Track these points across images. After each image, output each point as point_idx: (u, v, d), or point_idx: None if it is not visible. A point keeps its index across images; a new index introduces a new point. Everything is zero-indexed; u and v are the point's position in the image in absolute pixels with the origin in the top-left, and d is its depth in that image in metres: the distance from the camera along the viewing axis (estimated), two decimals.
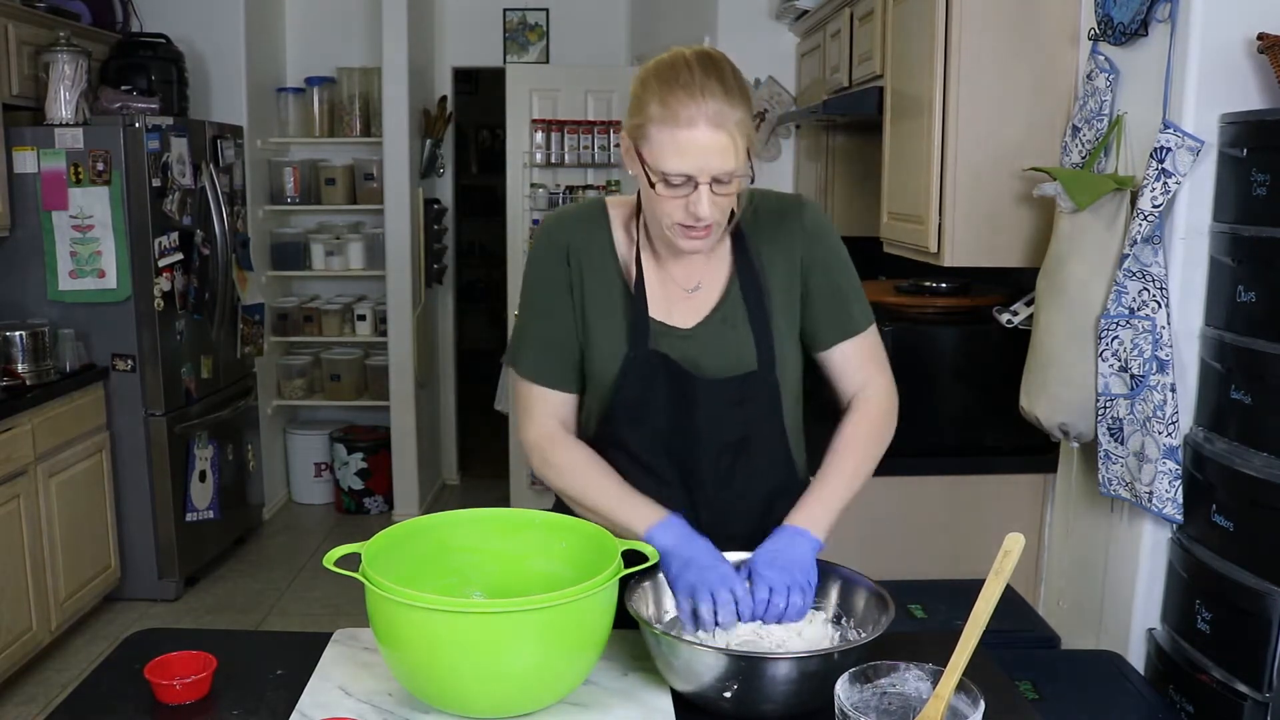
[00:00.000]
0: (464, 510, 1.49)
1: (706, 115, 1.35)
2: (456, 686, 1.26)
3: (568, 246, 1.55)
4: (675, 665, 1.30)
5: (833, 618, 1.45)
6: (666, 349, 1.52)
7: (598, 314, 1.54)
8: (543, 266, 1.57)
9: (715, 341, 1.53)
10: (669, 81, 1.37)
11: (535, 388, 1.57)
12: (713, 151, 1.36)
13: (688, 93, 1.36)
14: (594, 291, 1.54)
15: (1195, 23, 2.01)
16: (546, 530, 1.48)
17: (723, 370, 1.52)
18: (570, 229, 1.57)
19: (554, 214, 1.63)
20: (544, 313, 1.57)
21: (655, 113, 1.37)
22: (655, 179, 1.40)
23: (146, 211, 3.85)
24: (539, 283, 1.57)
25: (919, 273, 3.02)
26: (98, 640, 3.72)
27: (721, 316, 1.53)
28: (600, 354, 1.53)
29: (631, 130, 1.42)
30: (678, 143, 1.36)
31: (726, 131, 1.36)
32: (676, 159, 1.37)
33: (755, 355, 1.52)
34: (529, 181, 5.00)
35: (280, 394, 5.26)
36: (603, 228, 1.57)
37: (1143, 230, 2.06)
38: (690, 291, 1.54)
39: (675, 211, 1.42)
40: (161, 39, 4.29)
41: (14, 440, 3.31)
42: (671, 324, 1.53)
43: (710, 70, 1.38)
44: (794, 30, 4.17)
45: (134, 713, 1.34)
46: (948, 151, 2.50)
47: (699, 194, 1.39)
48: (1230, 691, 1.90)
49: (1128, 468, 2.16)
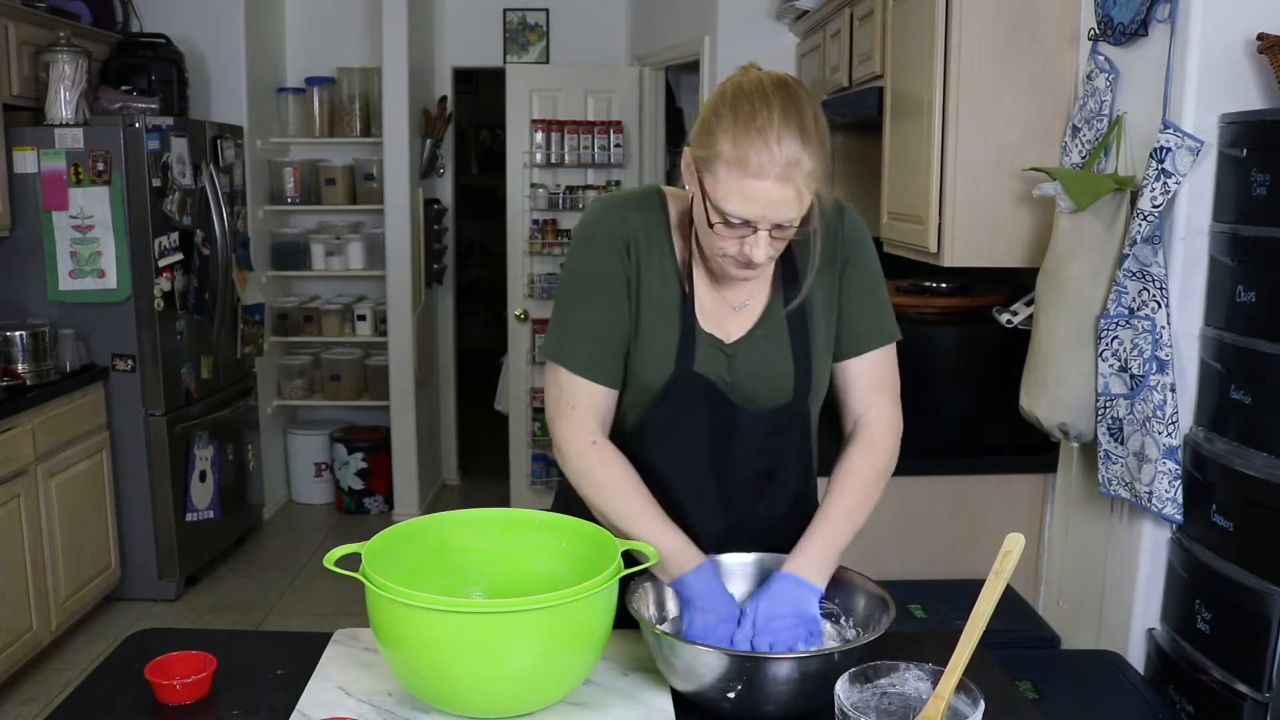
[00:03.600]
0: (464, 510, 1.49)
1: (778, 167, 1.29)
2: (456, 686, 1.26)
3: (628, 238, 1.47)
4: (676, 666, 1.30)
5: (833, 618, 1.45)
6: (710, 366, 1.47)
7: (652, 316, 1.48)
8: (600, 256, 1.48)
9: (755, 359, 1.48)
10: (745, 121, 1.30)
11: (583, 383, 1.47)
12: (779, 204, 1.31)
13: (763, 139, 1.29)
14: (650, 288, 1.48)
15: (1195, 23, 2.01)
16: (546, 530, 1.48)
17: (760, 397, 1.49)
18: (631, 220, 1.49)
19: (609, 199, 1.53)
20: (598, 304, 1.47)
21: (725, 151, 1.30)
22: (714, 217, 1.35)
23: (146, 211, 3.85)
24: (594, 271, 1.48)
25: (919, 273, 3.02)
26: (98, 640, 3.72)
27: (764, 334, 1.49)
28: (647, 361, 1.48)
29: (697, 157, 1.35)
30: (744, 190, 1.30)
31: (794, 185, 1.30)
32: (740, 204, 1.31)
33: (793, 381, 1.48)
34: (529, 181, 5.00)
35: (280, 394, 5.26)
36: (662, 223, 1.50)
37: (1143, 230, 2.06)
38: (738, 309, 1.50)
39: (729, 247, 1.37)
40: (161, 39, 4.29)
41: (14, 440, 3.31)
42: (716, 335, 1.49)
43: (790, 114, 1.30)
44: (794, 30, 4.17)
45: (134, 713, 1.34)
46: (948, 151, 2.50)
47: (757, 238, 1.34)
48: (1230, 691, 1.90)
49: (1128, 468, 2.16)
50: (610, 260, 1.47)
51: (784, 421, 1.51)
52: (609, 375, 1.49)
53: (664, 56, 4.84)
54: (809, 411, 1.52)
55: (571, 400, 1.48)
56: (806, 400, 1.51)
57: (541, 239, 5.00)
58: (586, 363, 1.47)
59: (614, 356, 1.49)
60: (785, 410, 1.50)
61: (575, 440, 1.48)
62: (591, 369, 1.48)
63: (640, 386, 1.50)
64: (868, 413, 1.55)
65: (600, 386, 1.48)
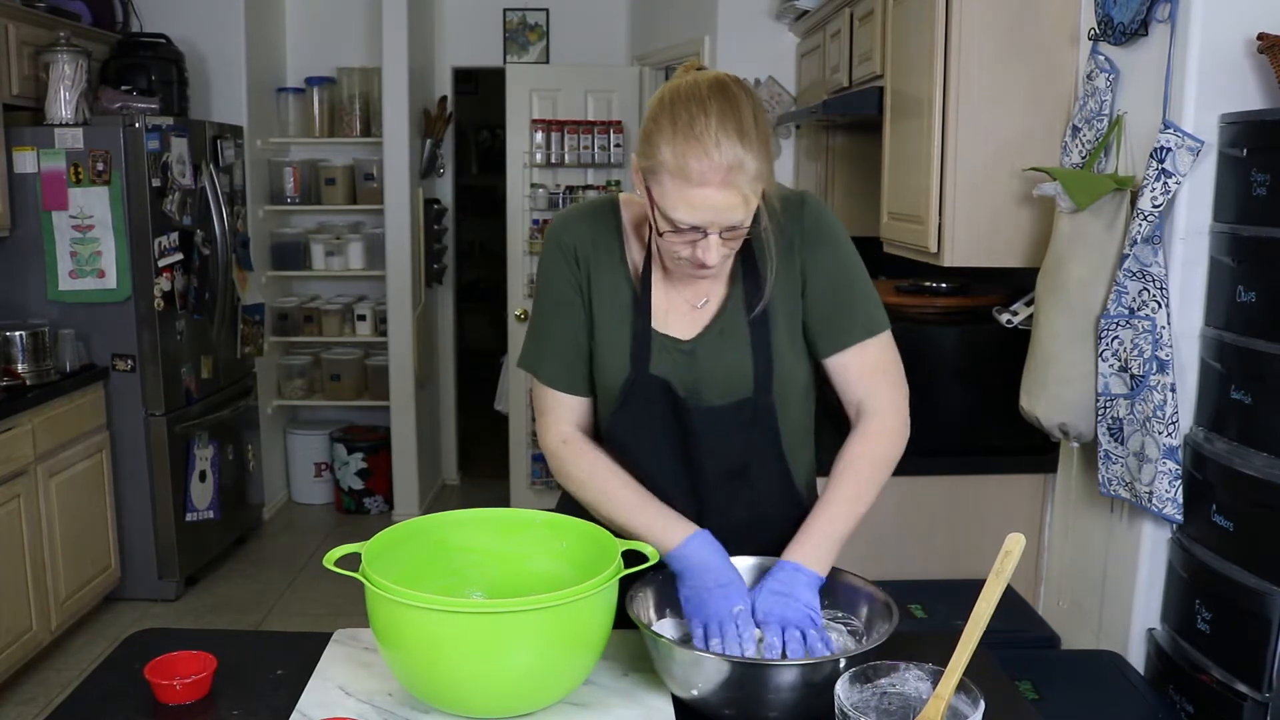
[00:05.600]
0: (464, 510, 1.49)
1: (720, 173, 1.29)
2: (456, 686, 1.26)
3: (575, 248, 1.51)
4: (675, 672, 1.30)
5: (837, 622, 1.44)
6: (667, 367, 1.48)
7: (605, 320, 1.51)
8: (553, 269, 1.53)
9: (713, 357, 1.49)
10: (684, 128, 1.30)
11: (551, 392, 1.54)
12: (724, 209, 1.31)
13: (701, 146, 1.28)
14: (602, 294, 1.51)
15: (1195, 23, 2.01)
16: (546, 530, 1.48)
17: (719, 395, 1.48)
18: (578, 230, 1.52)
19: (563, 214, 1.57)
20: (557, 316, 1.53)
21: (667, 159, 1.31)
22: (664, 225, 1.36)
23: (146, 211, 3.85)
24: (550, 286, 1.53)
25: (919, 273, 3.02)
26: (98, 640, 3.72)
27: (720, 329, 1.49)
28: (605, 365, 1.51)
29: (642, 166, 1.36)
30: (688, 198, 1.31)
31: (739, 190, 1.30)
32: (686, 212, 1.32)
33: (752, 376, 1.48)
34: (529, 181, 5.00)
35: (280, 394, 5.26)
36: (612, 228, 1.53)
37: (1143, 230, 2.06)
38: (698, 306, 1.51)
39: (682, 251, 1.38)
40: (161, 39, 4.29)
41: (14, 440, 3.31)
42: (672, 335, 1.50)
43: (728, 117, 1.30)
44: (794, 30, 4.17)
45: (134, 713, 1.34)
46: (948, 151, 2.50)
47: (708, 242, 1.34)
48: (1230, 691, 1.90)
49: (1128, 468, 2.16)
50: (561, 270, 1.52)
51: (746, 417, 1.50)
52: (576, 384, 1.54)
53: (664, 56, 4.84)
54: (774, 406, 1.50)
55: (542, 406, 1.56)
56: (769, 394, 1.49)
57: (541, 239, 4.99)
58: (550, 372, 1.54)
59: (578, 365, 1.53)
60: (747, 405, 1.49)
61: (549, 441, 1.55)
62: (557, 379, 1.54)
63: (604, 388, 1.53)
64: (866, 400, 1.52)
65: (569, 395, 1.54)
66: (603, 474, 1.50)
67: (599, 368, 1.52)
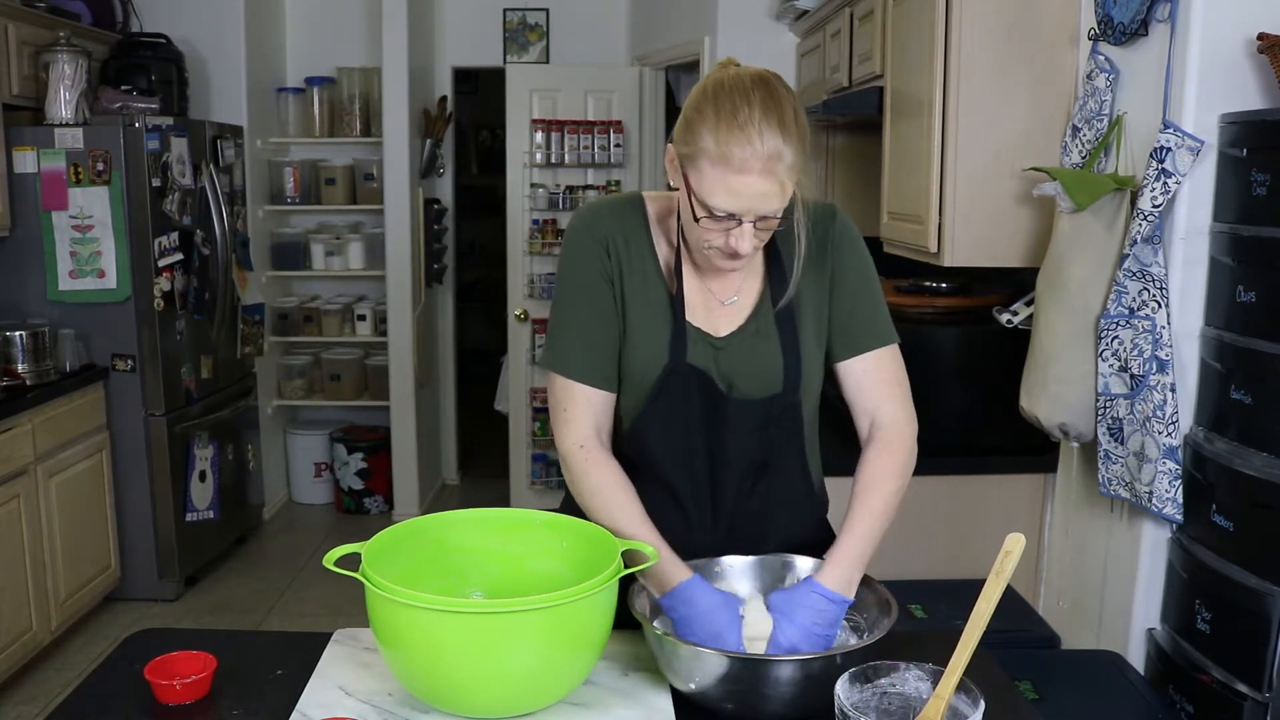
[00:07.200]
0: (464, 510, 1.49)
1: (761, 161, 1.32)
2: (456, 686, 1.26)
3: (607, 239, 1.51)
4: (677, 667, 1.30)
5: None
6: (702, 359, 1.50)
7: (639, 314, 1.51)
8: (583, 260, 1.51)
9: (746, 353, 1.50)
10: (727, 117, 1.33)
11: (577, 387, 1.51)
12: (762, 196, 1.33)
13: (745, 135, 1.31)
14: (634, 289, 1.51)
15: (1195, 23, 2.01)
16: (546, 530, 1.48)
17: (752, 389, 1.50)
18: (609, 222, 1.52)
19: (589, 206, 1.57)
20: (587, 306, 1.51)
21: (708, 147, 1.33)
22: (700, 211, 1.37)
23: (146, 211, 3.85)
24: (580, 277, 1.52)
25: (919, 273, 3.02)
26: (98, 640, 3.72)
27: (755, 328, 1.51)
28: (640, 356, 1.50)
29: (682, 154, 1.38)
30: (728, 184, 1.33)
31: (777, 178, 1.33)
32: (725, 198, 1.34)
33: (782, 374, 1.50)
34: (529, 181, 5.00)
35: (280, 394, 5.26)
36: (641, 225, 1.53)
37: (1143, 230, 2.06)
38: (726, 303, 1.52)
39: (715, 239, 1.40)
40: (161, 39, 4.29)
41: (14, 440, 3.31)
42: (706, 330, 1.51)
43: (771, 109, 1.33)
44: (794, 30, 4.17)
45: (134, 713, 1.34)
46: (948, 151, 2.50)
47: (742, 230, 1.37)
48: (1230, 691, 1.90)
49: (1128, 468, 2.16)
50: (592, 264, 1.51)
51: (775, 413, 1.52)
52: (602, 378, 1.51)
53: (664, 56, 4.84)
54: (800, 405, 1.53)
55: (565, 404, 1.52)
56: (797, 392, 1.52)
57: (541, 239, 5.00)
58: (578, 367, 1.51)
59: (606, 360, 1.51)
60: (776, 402, 1.51)
61: (565, 443, 1.51)
62: (583, 373, 1.51)
63: (635, 383, 1.52)
64: (880, 411, 1.54)
65: (593, 390, 1.51)
66: (611, 489, 1.48)
67: (631, 359, 1.51)
